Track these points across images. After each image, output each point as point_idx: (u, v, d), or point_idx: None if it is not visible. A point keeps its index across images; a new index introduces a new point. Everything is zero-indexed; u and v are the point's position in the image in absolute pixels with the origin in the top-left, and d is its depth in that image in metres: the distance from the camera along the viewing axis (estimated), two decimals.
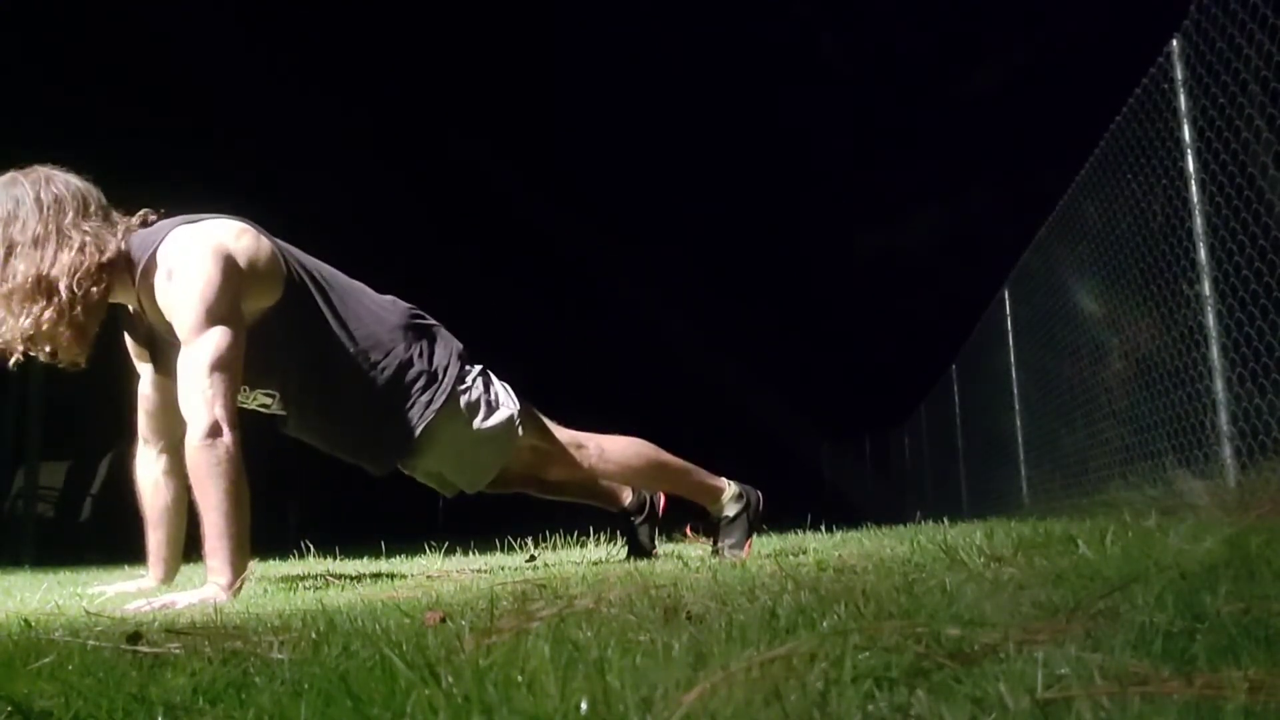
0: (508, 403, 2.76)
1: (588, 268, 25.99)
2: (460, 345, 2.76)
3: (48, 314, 2.21)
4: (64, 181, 2.32)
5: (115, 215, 2.37)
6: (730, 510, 2.91)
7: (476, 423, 2.69)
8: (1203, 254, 3.96)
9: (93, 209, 2.32)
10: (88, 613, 1.82)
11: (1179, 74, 4.16)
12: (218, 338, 2.23)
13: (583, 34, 25.56)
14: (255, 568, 3.08)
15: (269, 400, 2.59)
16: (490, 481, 2.83)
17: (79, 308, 2.24)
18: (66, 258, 2.23)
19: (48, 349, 2.27)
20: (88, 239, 2.26)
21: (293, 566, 3.64)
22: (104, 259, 2.27)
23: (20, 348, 2.25)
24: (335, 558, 4.03)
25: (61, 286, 2.22)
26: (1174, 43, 4.19)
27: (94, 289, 2.26)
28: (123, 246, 2.32)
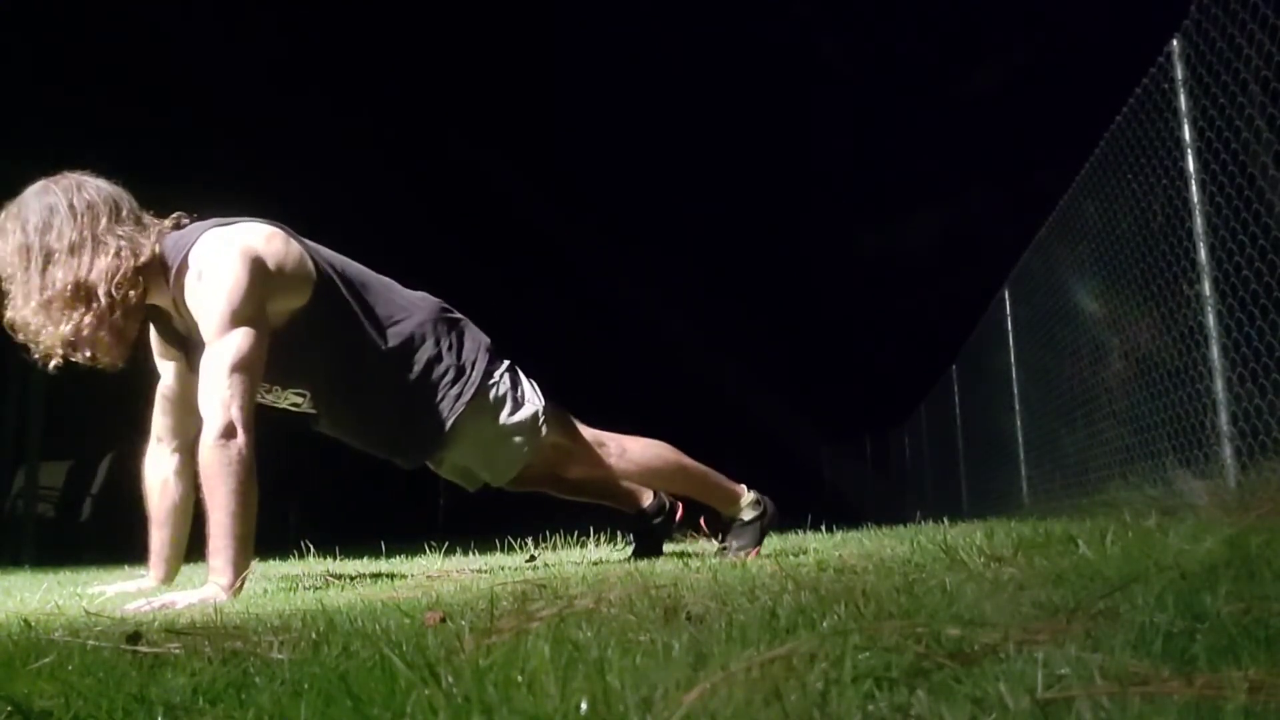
0: (534, 399, 2.79)
1: (587, 268, 26.00)
2: (488, 340, 2.80)
3: (88, 319, 2.25)
4: (95, 187, 2.35)
5: (147, 218, 2.40)
6: (747, 515, 2.93)
7: (503, 417, 2.72)
8: (1203, 254, 3.95)
9: (125, 213, 2.35)
10: (88, 613, 1.82)
11: (1179, 74, 4.16)
12: (240, 339, 2.26)
13: (583, 34, 25.57)
14: (255, 568, 3.08)
15: (299, 399, 2.62)
16: (514, 478, 2.85)
17: (118, 312, 2.28)
18: (103, 263, 2.26)
19: (87, 353, 2.29)
20: (123, 244, 2.29)
21: (293, 566, 3.64)
22: (139, 262, 2.31)
23: (60, 353, 2.28)
24: (335, 558, 4.03)
25: (100, 292, 2.25)
26: (1174, 43, 4.19)
27: (131, 292, 2.30)
28: (157, 249, 2.35)
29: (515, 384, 2.78)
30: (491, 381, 2.71)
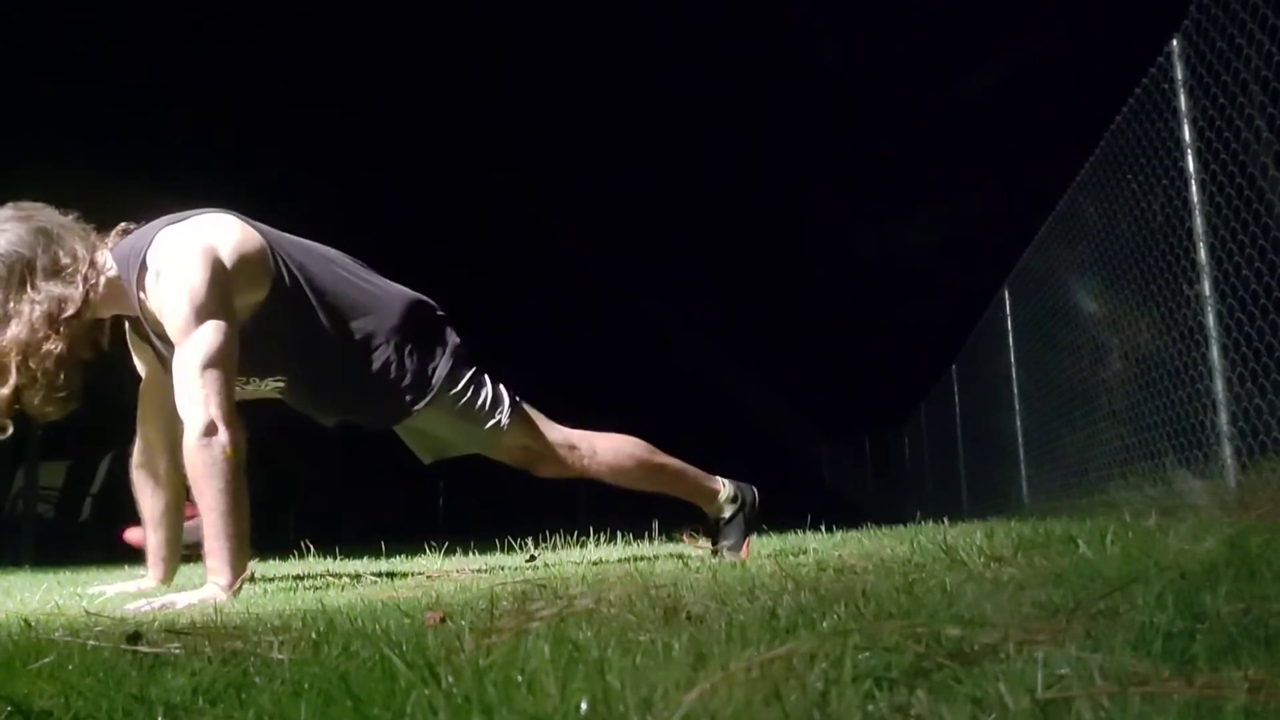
0: (498, 405, 2.74)
1: (588, 267, 26.00)
2: (458, 342, 2.74)
3: (4, 392, 2.20)
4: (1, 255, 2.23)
5: (66, 257, 2.27)
6: (726, 511, 2.89)
7: (464, 423, 2.70)
8: (1203, 254, 3.95)
9: (39, 265, 2.24)
10: (88, 613, 1.82)
11: (1179, 74, 4.16)
12: (209, 335, 2.22)
13: (582, 36, 25.56)
14: (255, 568, 3.08)
15: (279, 386, 2.60)
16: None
17: (39, 370, 2.20)
18: (10, 333, 2.19)
19: (36, 401, 2.25)
20: (35, 307, 2.21)
21: (293, 566, 3.64)
22: (65, 315, 2.22)
23: (8, 420, 2.26)
24: (335, 558, 4.03)
25: (13, 365, 2.19)
26: (1174, 43, 4.19)
27: (50, 348, 2.21)
28: (103, 274, 2.31)
29: (479, 390, 2.71)
30: (455, 390, 2.66)
